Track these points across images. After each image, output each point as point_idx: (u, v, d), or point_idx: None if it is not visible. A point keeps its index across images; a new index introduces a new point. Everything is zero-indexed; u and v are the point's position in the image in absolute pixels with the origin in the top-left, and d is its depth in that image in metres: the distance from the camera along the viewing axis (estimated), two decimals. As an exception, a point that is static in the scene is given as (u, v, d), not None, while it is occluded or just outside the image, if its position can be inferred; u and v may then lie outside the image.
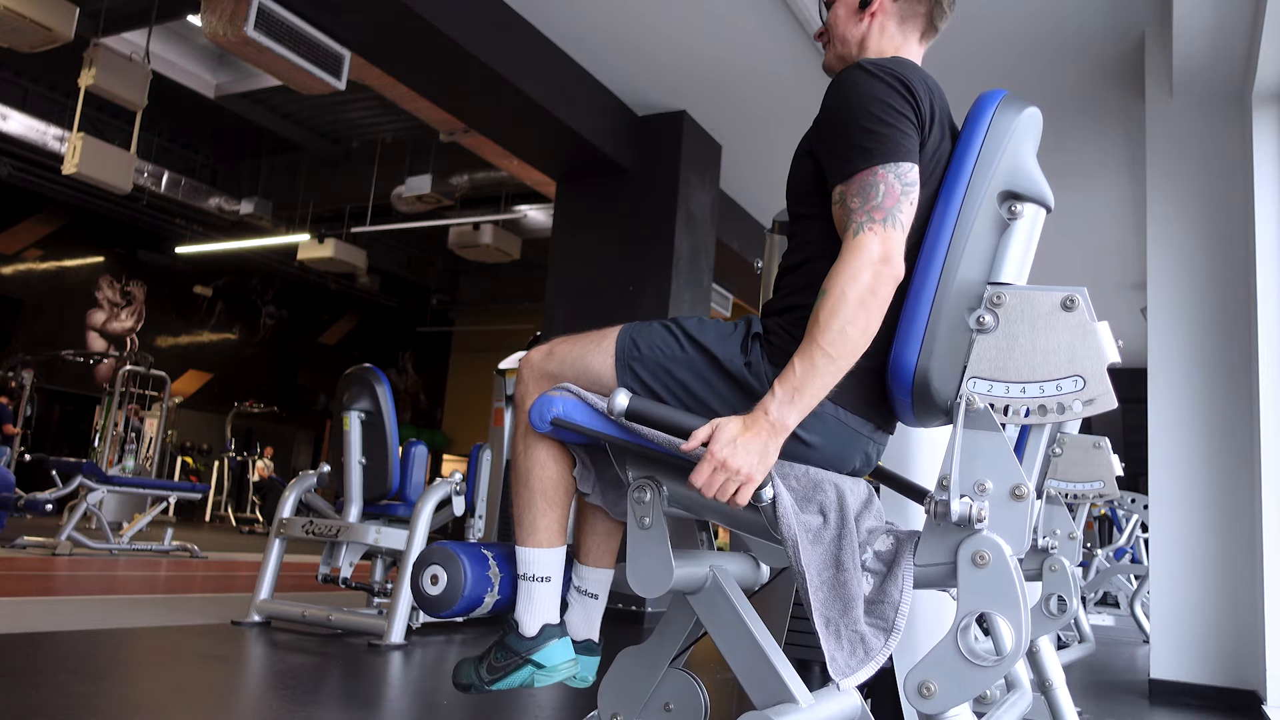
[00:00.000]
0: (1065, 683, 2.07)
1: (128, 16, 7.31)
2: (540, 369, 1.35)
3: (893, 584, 1.18)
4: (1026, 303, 1.19)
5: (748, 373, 1.25)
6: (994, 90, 1.32)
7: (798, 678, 1.17)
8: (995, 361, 1.19)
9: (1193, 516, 3.58)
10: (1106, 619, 6.81)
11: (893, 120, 1.22)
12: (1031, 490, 1.12)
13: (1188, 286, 3.70)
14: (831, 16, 1.48)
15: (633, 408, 1.19)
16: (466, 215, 10.88)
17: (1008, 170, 1.25)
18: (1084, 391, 1.15)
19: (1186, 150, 3.83)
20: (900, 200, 1.19)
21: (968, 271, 1.22)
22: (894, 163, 1.20)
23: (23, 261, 12.98)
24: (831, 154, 1.26)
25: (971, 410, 1.16)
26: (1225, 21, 3.36)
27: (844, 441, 1.28)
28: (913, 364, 1.21)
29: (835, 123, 1.27)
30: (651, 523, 1.21)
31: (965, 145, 1.26)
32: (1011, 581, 1.09)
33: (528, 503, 1.33)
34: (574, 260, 5.53)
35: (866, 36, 1.44)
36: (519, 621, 1.33)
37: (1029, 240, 1.28)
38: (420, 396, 18.78)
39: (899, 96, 1.24)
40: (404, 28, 4.06)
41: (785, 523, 1.17)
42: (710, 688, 1.33)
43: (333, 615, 3.51)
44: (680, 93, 5.22)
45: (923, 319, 1.21)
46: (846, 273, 1.16)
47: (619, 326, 1.35)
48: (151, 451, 11.41)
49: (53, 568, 5.52)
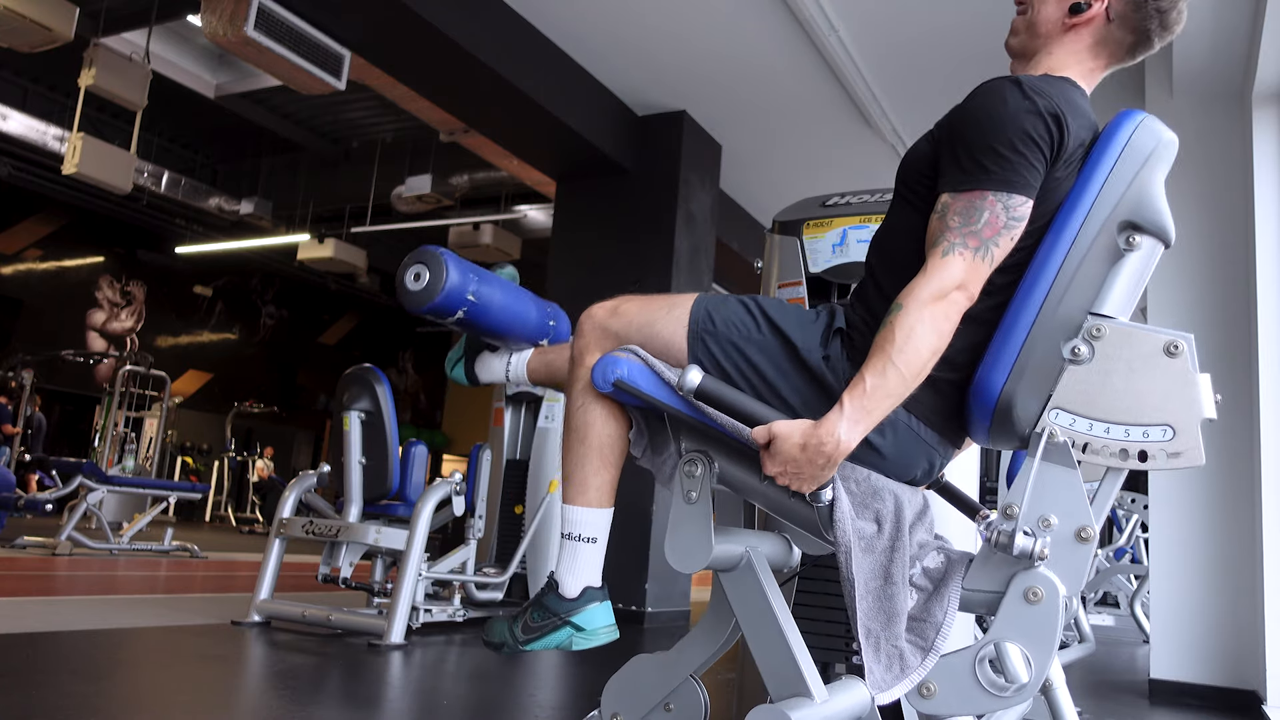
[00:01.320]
0: (1065, 683, 2.07)
1: (128, 16, 7.31)
2: (603, 325, 1.31)
3: (938, 604, 1.16)
4: (1127, 340, 1.13)
5: (825, 367, 1.22)
6: (1131, 109, 1.25)
7: (816, 672, 1.16)
8: (1084, 395, 1.14)
9: (1193, 516, 3.58)
10: (1106, 619, 6.80)
11: (1025, 151, 1.16)
12: (1096, 534, 1.09)
13: (1188, 286, 3.70)
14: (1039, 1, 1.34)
15: (704, 387, 1.16)
16: (466, 215, 10.88)
17: (1134, 199, 1.19)
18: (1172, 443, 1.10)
19: (1186, 150, 3.80)
20: (1000, 233, 1.15)
21: (1072, 299, 1.16)
22: (1007, 193, 1.15)
23: (23, 261, 12.97)
24: (952, 159, 1.20)
25: (1050, 442, 1.12)
26: (1225, 21, 3.36)
27: (912, 451, 1.24)
28: (999, 386, 1.16)
29: (968, 130, 1.20)
30: (698, 497, 1.19)
31: (1094, 165, 1.20)
32: (1055, 624, 1.07)
33: (582, 459, 1.29)
34: (574, 260, 5.53)
35: (1060, 42, 1.32)
36: (560, 581, 1.29)
37: (1142, 275, 1.22)
38: (420, 396, 18.78)
39: (1044, 125, 1.17)
40: (404, 28, 4.06)
41: (841, 527, 1.14)
42: (710, 688, 1.33)
43: (333, 615, 3.51)
44: (680, 93, 5.22)
45: (1018, 341, 1.16)
46: (926, 291, 1.12)
47: (693, 295, 1.31)
48: (151, 451, 11.41)
49: (53, 568, 5.52)
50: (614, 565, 1.44)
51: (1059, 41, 1.32)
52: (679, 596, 5.15)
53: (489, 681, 2.84)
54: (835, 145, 5.63)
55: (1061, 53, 1.32)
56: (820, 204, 2.26)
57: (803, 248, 2.22)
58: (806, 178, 6.00)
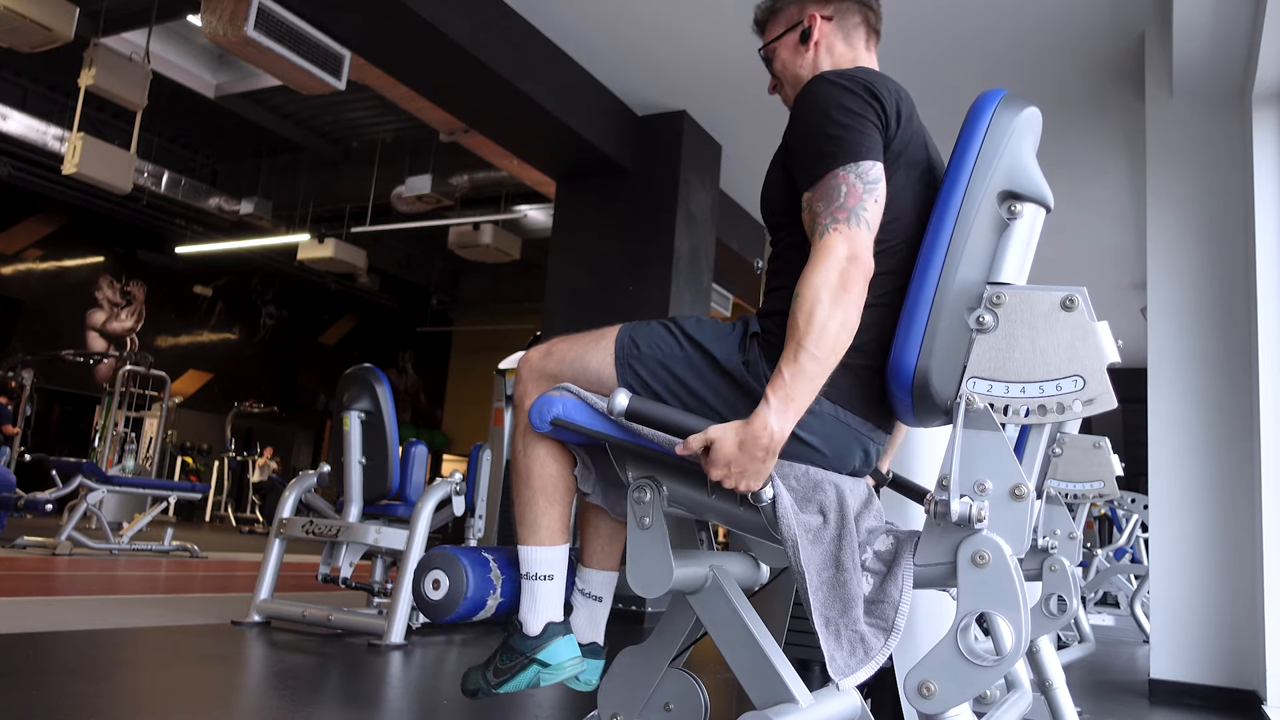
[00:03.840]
0: (1065, 683, 2.07)
1: (128, 16, 7.31)
2: (539, 368, 1.35)
3: (892, 584, 1.18)
4: (1026, 302, 1.19)
5: (746, 371, 1.26)
6: (993, 90, 1.32)
7: (798, 678, 1.17)
8: (995, 361, 1.19)
9: (1193, 516, 3.58)
10: (1106, 619, 6.81)
11: (851, 122, 1.23)
12: (1031, 490, 1.12)
13: (1188, 286, 3.70)
14: (777, 64, 1.51)
15: (633, 408, 1.19)
16: (466, 215, 10.88)
17: (1007, 170, 1.25)
18: (1084, 391, 1.15)
19: (1186, 150, 3.83)
20: (863, 198, 1.20)
21: (967, 271, 1.22)
22: (854, 163, 1.21)
23: (23, 261, 12.98)
24: (799, 164, 1.28)
25: (971, 410, 1.16)
26: (1225, 21, 3.36)
27: (844, 441, 1.28)
28: (913, 364, 1.21)
29: (800, 133, 1.29)
30: (651, 522, 1.21)
31: (964, 145, 1.26)
32: (1011, 581, 1.09)
33: (529, 501, 1.33)
34: (574, 260, 5.53)
35: (817, 63, 1.46)
36: (523, 621, 1.33)
37: (1029, 240, 1.28)
38: (420, 396, 18.78)
39: (859, 99, 1.25)
40: (404, 28, 4.06)
41: (785, 523, 1.17)
42: (710, 688, 1.33)
43: (333, 615, 3.51)
44: (680, 93, 5.22)
45: (922, 319, 1.21)
46: (817, 274, 1.17)
47: (617, 326, 1.36)
48: (151, 451, 11.41)
49: (53, 568, 5.52)
50: (614, 565, 1.44)
51: (816, 61, 1.46)
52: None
53: (489, 681, 2.83)
54: (835, 145, 5.63)
55: (826, 64, 1.46)
56: (820, 204, 2.25)
57: (802, 248, 2.22)
58: (806, 178, 5.99)
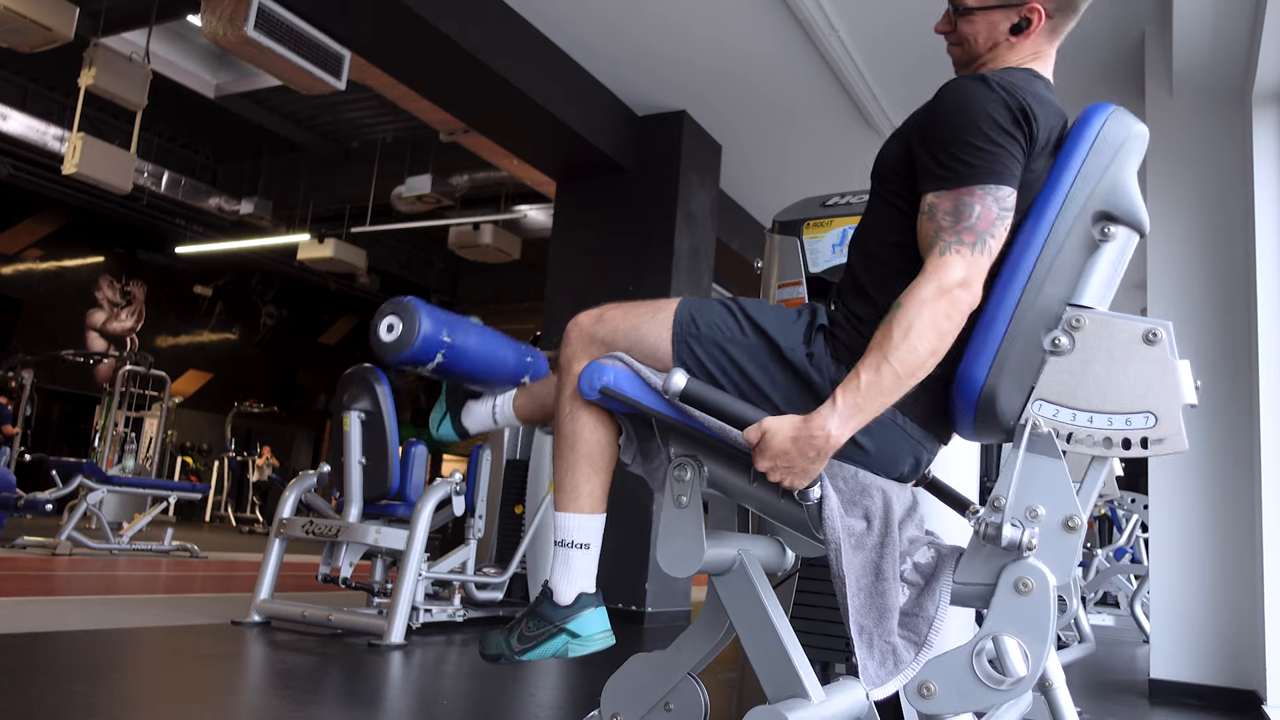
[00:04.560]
0: (1065, 683, 2.07)
1: (128, 16, 7.31)
2: (589, 333, 1.32)
3: (929, 598, 1.16)
4: (1106, 329, 1.15)
5: (809, 364, 1.22)
6: (1102, 103, 1.26)
7: (812, 673, 1.16)
8: (1066, 386, 1.15)
9: (1193, 516, 3.58)
10: (1106, 619, 6.80)
11: (1002, 142, 1.17)
12: (1084, 523, 1.09)
13: (1188, 286, 3.70)
14: (969, 29, 1.33)
15: (689, 390, 1.16)
16: (466, 215, 10.87)
17: (1107, 190, 1.20)
18: (1154, 430, 1.10)
19: (1186, 150, 3.83)
20: (994, 225, 1.15)
21: (1051, 290, 1.17)
22: (995, 185, 1.16)
23: (23, 261, 12.97)
24: (932, 159, 1.20)
25: (1035, 433, 1.13)
26: (1225, 21, 3.36)
27: (898, 446, 1.25)
28: (981, 379, 1.17)
29: (943, 129, 1.20)
30: (689, 501, 1.19)
31: (1066, 159, 1.21)
32: (1048, 613, 1.07)
33: (572, 466, 1.29)
34: (574, 260, 5.53)
35: (1010, 56, 1.32)
36: (554, 589, 1.29)
37: (1117, 265, 1.23)
38: (420, 396, 18.77)
39: (1015, 121, 1.18)
40: (404, 28, 4.06)
41: (830, 525, 1.15)
42: (710, 688, 1.33)
43: (333, 615, 3.51)
44: (680, 93, 5.22)
45: (998, 335, 1.17)
46: (926, 292, 1.12)
47: (676, 299, 1.32)
48: (151, 451, 11.41)
49: (53, 568, 5.52)
50: (614, 565, 1.44)
51: (1006, 50, 1.31)
52: (679, 596, 5.15)
53: (489, 681, 2.84)
54: (835, 145, 5.63)
55: (1014, 56, 1.32)
56: (820, 204, 2.26)
57: (803, 248, 2.22)
58: (806, 178, 6.00)
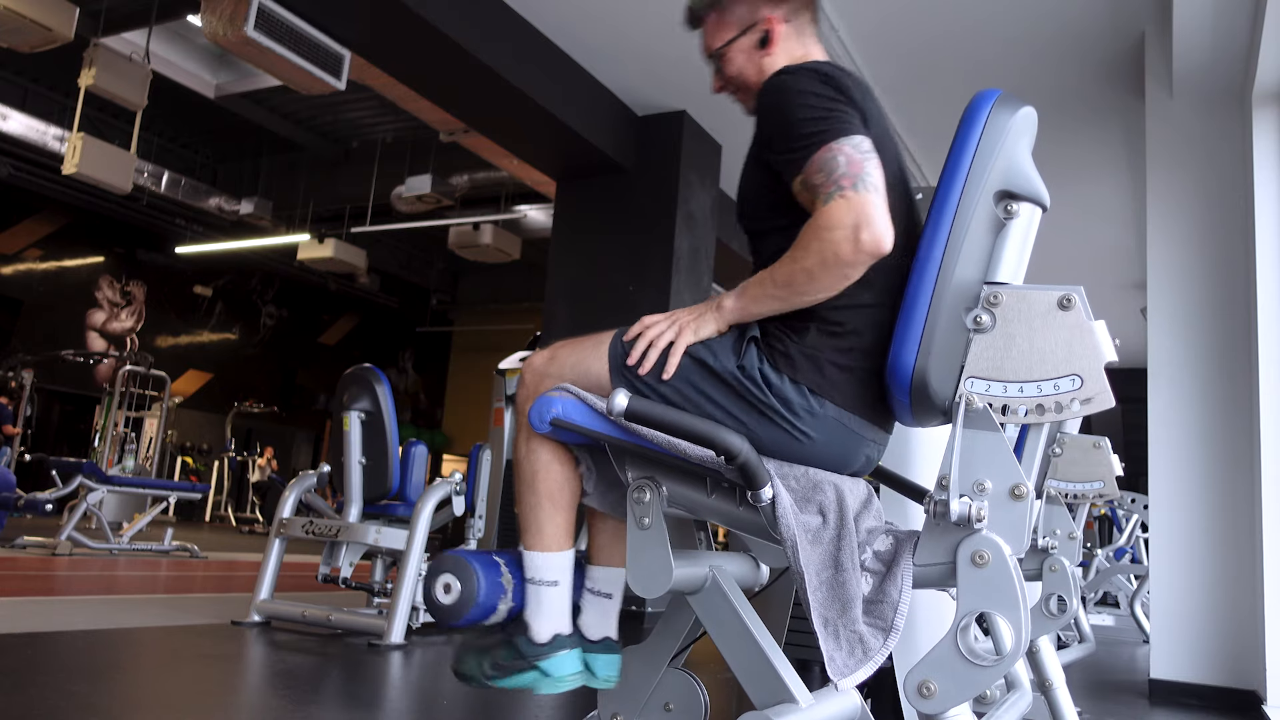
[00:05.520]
0: (1065, 683, 2.07)
1: (128, 16, 7.31)
2: (542, 372, 1.36)
3: (891, 584, 1.18)
4: (1023, 302, 1.19)
5: (741, 375, 1.25)
6: (989, 90, 1.31)
7: (797, 678, 1.17)
8: (993, 361, 1.19)
9: (1193, 516, 3.58)
10: (1106, 619, 6.81)
11: (830, 103, 1.24)
12: (1031, 490, 1.12)
13: (1188, 286, 3.70)
14: (731, 70, 1.45)
15: (633, 408, 1.19)
16: (466, 215, 10.88)
17: (1003, 170, 1.25)
18: (1082, 390, 1.15)
19: (1186, 150, 3.83)
20: (864, 166, 1.19)
21: (964, 271, 1.22)
22: (845, 137, 1.21)
23: (23, 261, 12.97)
24: (783, 152, 1.26)
25: (970, 410, 1.16)
26: (1225, 21, 3.36)
27: (844, 443, 1.28)
28: (911, 364, 1.21)
29: (776, 123, 1.28)
30: (651, 523, 1.21)
31: (961, 144, 1.26)
32: (1011, 581, 1.10)
33: (534, 506, 1.32)
34: (574, 260, 5.52)
35: (775, 65, 1.40)
36: (529, 625, 1.32)
37: (1025, 240, 1.28)
38: (420, 396, 18.78)
39: (830, 86, 1.26)
40: (404, 28, 4.06)
41: (784, 523, 1.17)
42: (710, 687, 1.33)
43: (333, 615, 3.51)
44: (680, 93, 5.22)
45: (920, 319, 1.21)
46: (811, 234, 1.19)
47: (615, 330, 1.35)
48: (151, 451, 11.41)
49: (53, 568, 5.52)
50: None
51: (774, 63, 1.41)
52: (679, 596, 5.14)
53: (489, 681, 2.83)
54: (835, 145, 5.63)
55: (782, 61, 1.41)
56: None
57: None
58: (806, 178, 5.99)
